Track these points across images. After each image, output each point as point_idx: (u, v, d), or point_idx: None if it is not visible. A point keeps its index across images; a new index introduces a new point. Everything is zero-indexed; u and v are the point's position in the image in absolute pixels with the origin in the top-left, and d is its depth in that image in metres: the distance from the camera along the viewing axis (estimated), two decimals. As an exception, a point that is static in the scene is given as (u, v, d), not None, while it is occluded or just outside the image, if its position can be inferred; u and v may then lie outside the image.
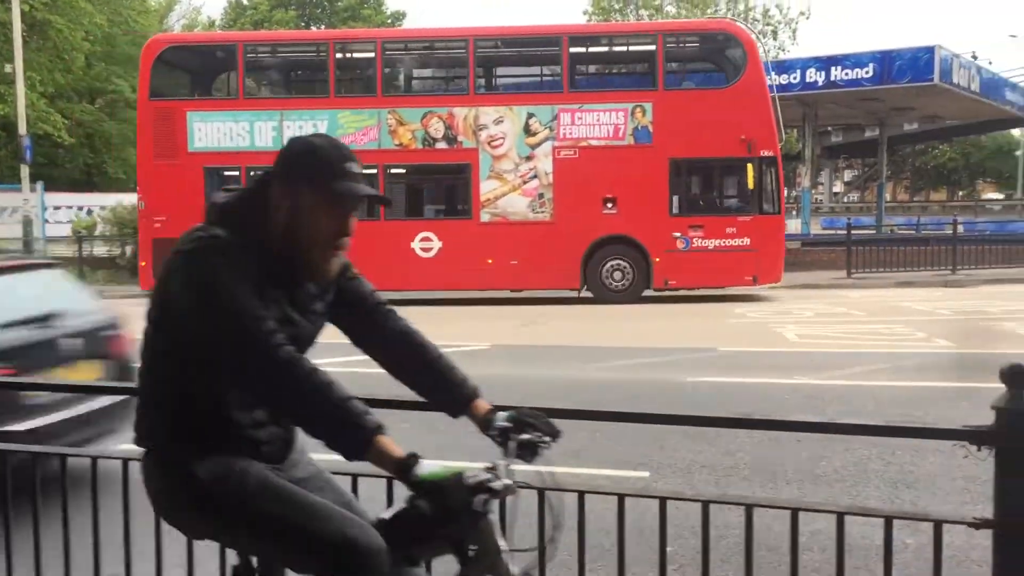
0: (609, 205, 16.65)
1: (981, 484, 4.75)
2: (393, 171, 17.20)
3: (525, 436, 2.42)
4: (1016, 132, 57.12)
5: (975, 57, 27.06)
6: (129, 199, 22.48)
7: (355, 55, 18.29)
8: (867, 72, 24.00)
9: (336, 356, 2.85)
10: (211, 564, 2.89)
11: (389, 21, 45.24)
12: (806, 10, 37.48)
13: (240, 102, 17.49)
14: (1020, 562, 2.36)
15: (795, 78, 24.46)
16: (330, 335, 2.42)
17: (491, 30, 18.02)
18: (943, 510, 5.14)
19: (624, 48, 18.71)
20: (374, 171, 16.58)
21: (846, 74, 24.27)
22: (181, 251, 2.11)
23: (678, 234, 16.46)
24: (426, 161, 17.17)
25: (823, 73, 24.49)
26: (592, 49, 18.53)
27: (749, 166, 16.23)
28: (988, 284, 18.88)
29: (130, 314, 5.33)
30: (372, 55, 17.44)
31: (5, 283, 5.66)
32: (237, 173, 16.94)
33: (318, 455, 2.35)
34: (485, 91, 17.74)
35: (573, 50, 17.15)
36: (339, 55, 17.69)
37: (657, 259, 16.55)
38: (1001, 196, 57.78)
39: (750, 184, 16.36)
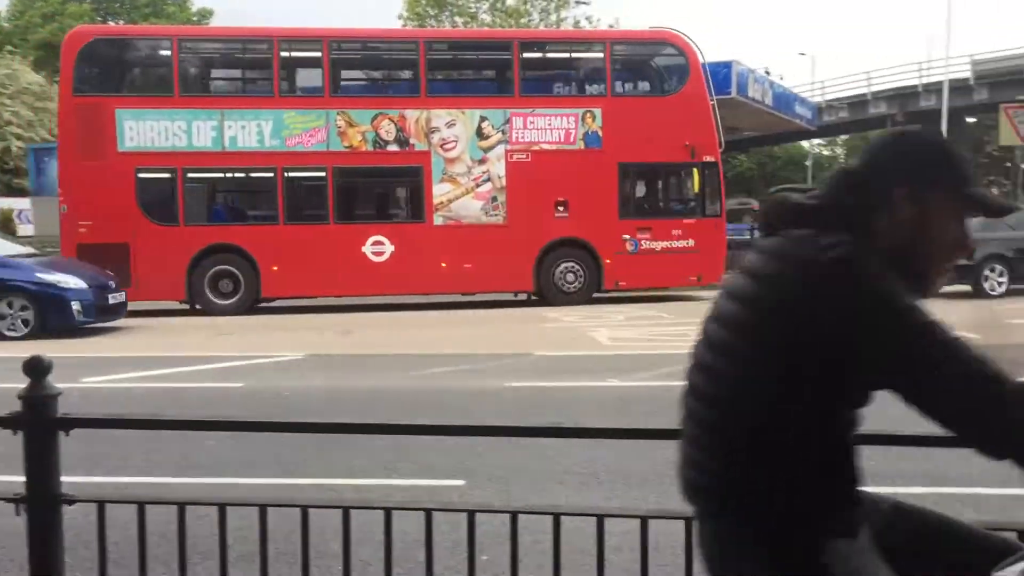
0: (561, 208, 16.94)
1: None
2: (343, 173, 16.75)
3: None
4: (805, 143, 61.52)
5: (768, 72, 28.87)
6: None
7: (302, 53, 17.61)
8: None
9: (121, 372, 2.64)
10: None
11: (195, 19, 43.46)
12: (615, 23, 38.70)
13: (176, 100, 16.41)
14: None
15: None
16: (109, 348, 2.24)
17: (442, 33, 17.81)
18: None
19: (573, 54, 18.83)
20: (323, 173, 16.43)
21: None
22: (838, 261, 1.69)
23: (627, 236, 16.94)
24: (377, 164, 16.90)
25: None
26: (542, 54, 18.73)
27: (694, 171, 17.00)
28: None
29: None
30: (319, 54, 16.87)
31: None
32: (173, 175, 16.23)
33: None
34: (437, 94, 17.46)
35: (524, 55, 17.40)
36: (284, 53, 16.97)
37: (608, 261, 17.00)
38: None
39: (694, 188, 17.15)
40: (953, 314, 1.88)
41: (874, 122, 54.24)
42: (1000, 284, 16.42)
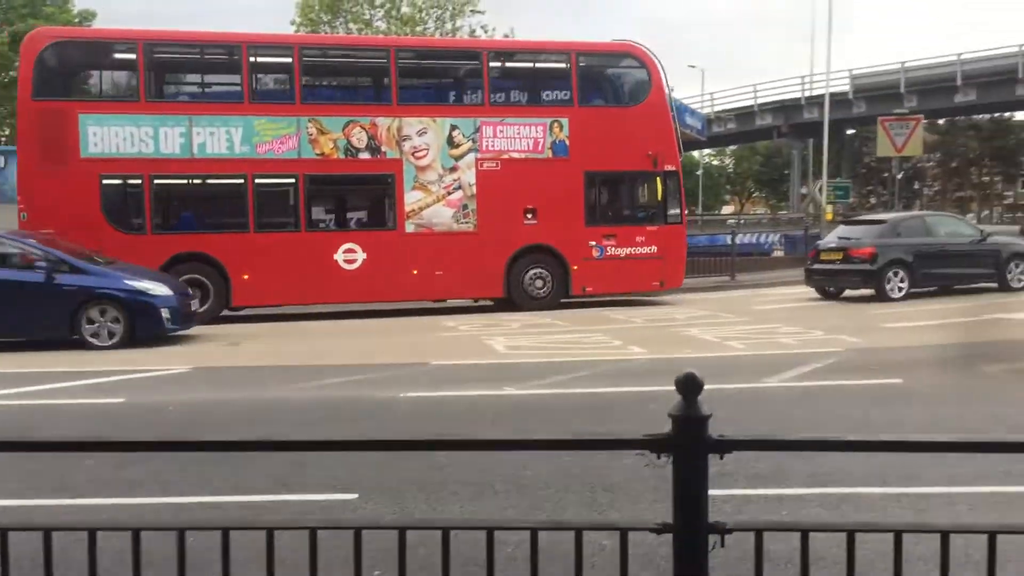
0: (529, 216, 17.22)
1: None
2: (315, 181, 16.59)
3: None
4: (695, 153, 63.09)
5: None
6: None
7: (272, 59, 17.40)
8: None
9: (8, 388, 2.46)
10: None
11: (77, 20, 41.75)
12: (510, 32, 38.92)
13: (142, 105, 15.92)
14: (697, 565, 2.47)
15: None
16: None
17: (412, 41, 17.99)
18: (636, 510, 5.42)
19: (541, 64, 19.02)
20: (294, 181, 16.41)
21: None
22: None
23: (593, 243, 17.33)
24: (349, 171, 16.79)
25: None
26: (511, 64, 18.84)
27: (657, 179, 17.57)
28: (688, 292, 20.19)
29: None
30: (290, 60, 16.64)
31: None
32: (139, 182, 15.78)
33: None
34: (409, 102, 17.40)
35: (493, 64, 17.64)
36: (253, 59, 16.64)
37: (575, 267, 17.35)
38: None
39: (657, 196, 17.69)
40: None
41: (760, 133, 56.15)
42: (901, 288, 17.32)
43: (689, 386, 2.50)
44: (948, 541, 2.46)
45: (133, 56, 16.22)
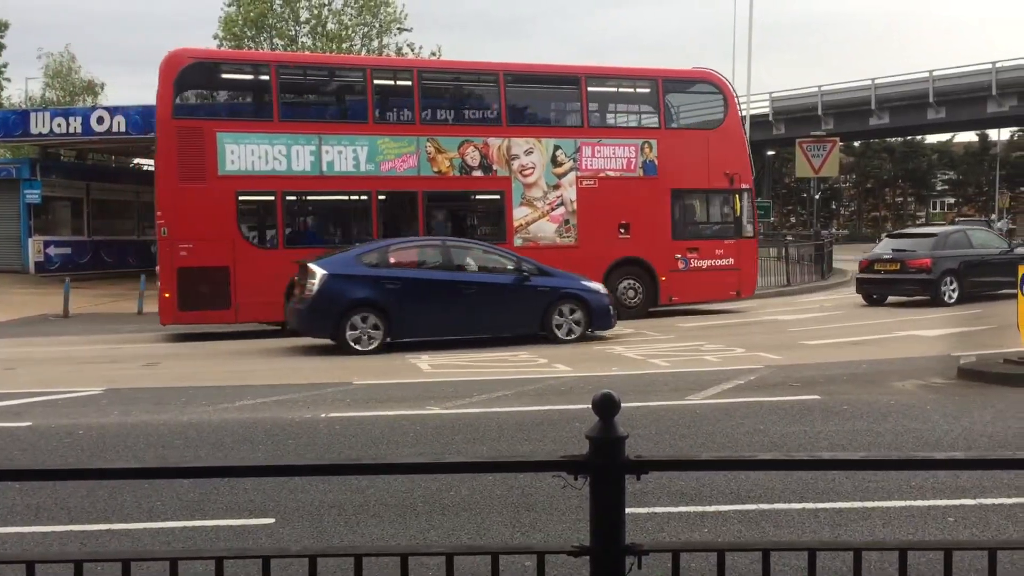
0: (623, 230, 18.25)
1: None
2: (432, 198, 17.54)
3: None
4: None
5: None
6: None
7: (393, 82, 18.40)
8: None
9: None
10: None
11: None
12: (437, 51, 38.99)
13: (276, 124, 16.58)
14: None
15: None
16: None
17: (519, 66, 19.08)
18: (559, 529, 5.39)
19: (631, 89, 20.17)
20: (413, 197, 17.30)
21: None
22: None
23: (679, 255, 18.45)
24: (464, 188, 17.88)
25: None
26: (605, 88, 19.96)
27: (735, 197, 18.89)
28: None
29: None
30: (410, 83, 17.73)
31: None
32: (272, 198, 16.44)
33: None
34: (516, 123, 18.38)
35: (590, 88, 18.73)
36: (376, 81, 17.64)
37: (663, 278, 18.37)
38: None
39: (735, 212, 19.00)
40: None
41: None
42: (953, 295, 18.91)
43: (606, 407, 2.49)
44: (860, 557, 2.48)
45: (267, 77, 17.12)
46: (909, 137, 66.29)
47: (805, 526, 5.44)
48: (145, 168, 38.25)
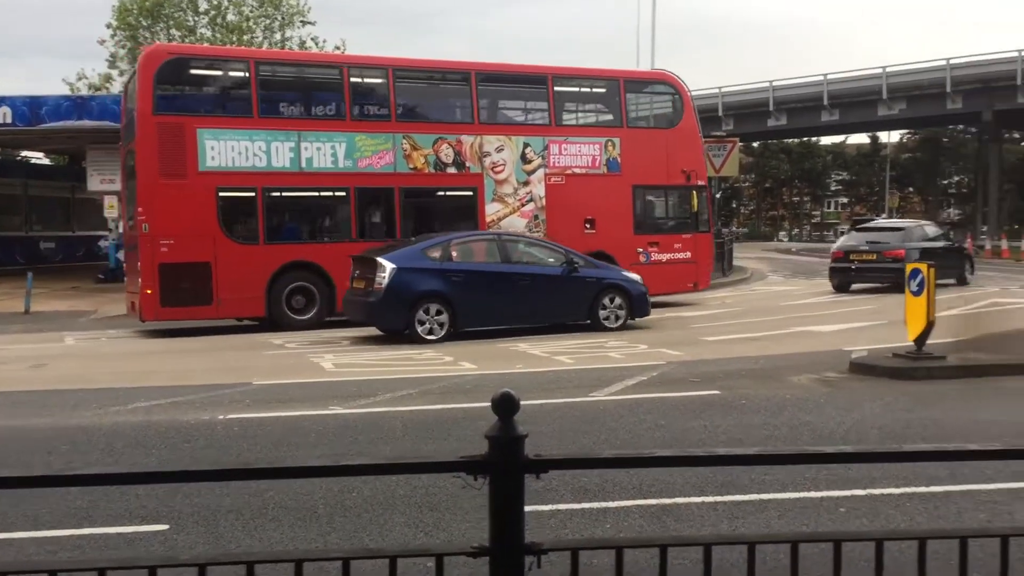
0: (588, 226, 18.74)
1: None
2: (409, 194, 17.85)
3: None
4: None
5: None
6: None
7: (369, 79, 18.48)
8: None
9: None
10: None
11: None
12: (341, 44, 38.52)
13: (256, 120, 16.72)
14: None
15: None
16: None
17: (490, 65, 19.43)
18: (462, 529, 5.36)
19: (596, 89, 20.92)
20: (390, 193, 17.58)
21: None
22: None
23: (641, 249, 19.06)
24: (438, 184, 18.29)
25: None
26: (571, 88, 20.50)
27: (691, 193, 19.75)
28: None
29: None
30: (386, 81, 17.91)
31: None
32: (253, 194, 16.51)
33: None
34: (488, 121, 18.95)
35: (557, 88, 19.23)
36: (353, 79, 17.90)
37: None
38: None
39: (692, 207, 19.84)
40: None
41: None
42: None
43: (505, 406, 2.46)
44: (755, 551, 2.52)
45: (246, 73, 17.09)
46: (805, 138, 68.45)
47: (705, 519, 5.53)
48: (33, 161, 36.73)
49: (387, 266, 13.99)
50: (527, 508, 5.76)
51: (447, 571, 2.39)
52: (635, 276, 15.80)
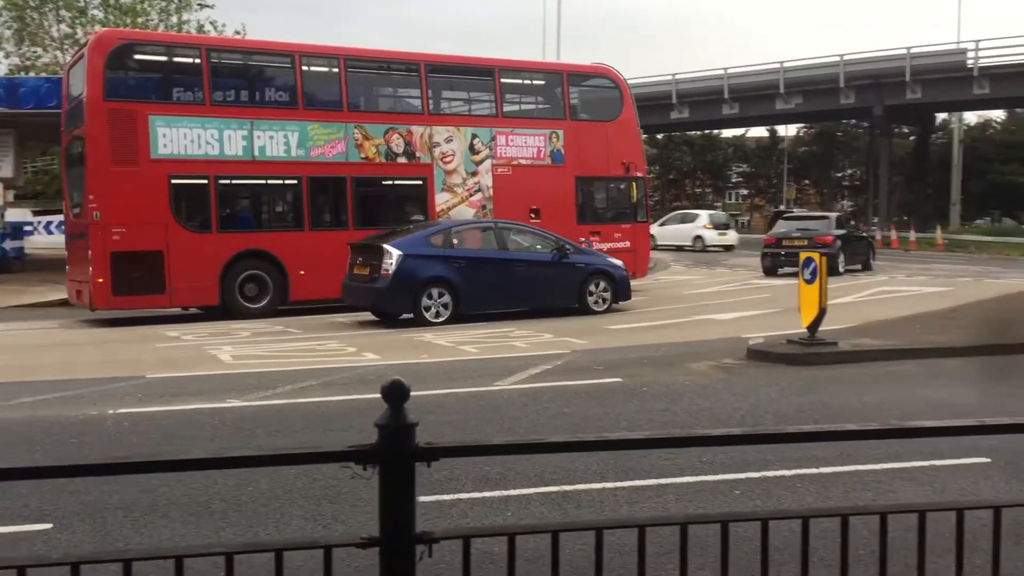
0: (534, 215, 18.89)
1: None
2: (360, 183, 17.87)
3: None
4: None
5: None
6: None
7: (320, 68, 18.38)
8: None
9: None
10: None
11: None
12: (242, 29, 37.59)
13: (208, 108, 16.56)
14: (403, 578, 2.39)
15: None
16: None
17: (440, 57, 19.42)
18: (361, 520, 5.29)
19: (539, 82, 21.26)
20: (342, 182, 17.60)
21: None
22: None
23: (583, 239, 18.84)
24: (389, 174, 18.38)
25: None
26: (516, 80, 20.70)
27: (631, 184, 20.25)
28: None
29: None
30: (337, 70, 17.89)
31: None
32: (205, 182, 16.37)
33: None
34: (438, 112, 19.20)
35: (503, 80, 19.51)
36: (305, 67, 17.74)
37: None
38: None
39: (630, 199, 20.38)
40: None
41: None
42: (842, 265, 23.29)
43: (394, 394, 2.42)
44: (644, 533, 2.54)
45: (197, 60, 16.88)
46: (707, 131, 69.86)
47: (604, 504, 5.59)
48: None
49: (394, 253, 14.39)
50: (429, 498, 5.72)
51: (345, 564, 2.34)
52: (618, 262, 16.41)
